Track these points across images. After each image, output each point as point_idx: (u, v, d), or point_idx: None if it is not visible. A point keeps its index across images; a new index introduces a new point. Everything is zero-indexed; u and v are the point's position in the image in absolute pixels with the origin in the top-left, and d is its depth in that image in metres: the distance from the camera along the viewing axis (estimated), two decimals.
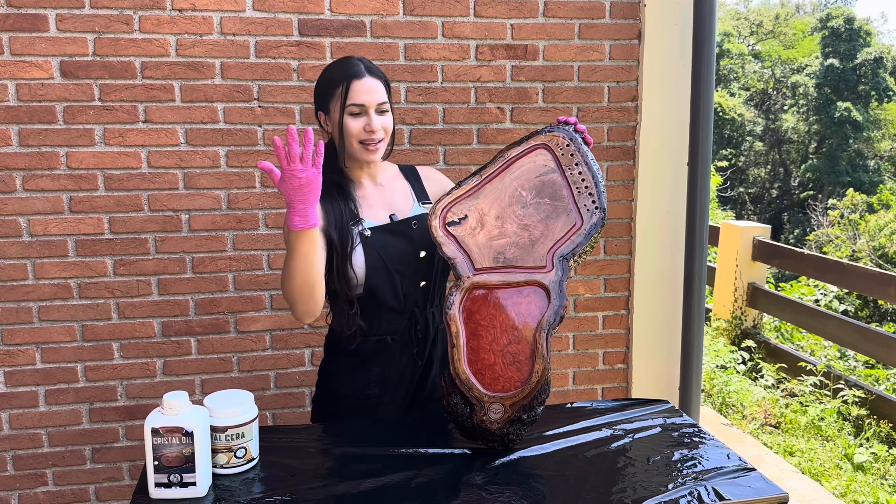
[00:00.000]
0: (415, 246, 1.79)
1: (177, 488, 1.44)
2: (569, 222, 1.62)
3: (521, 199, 1.65)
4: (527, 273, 1.61)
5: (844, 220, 9.84)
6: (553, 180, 1.64)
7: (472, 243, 1.64)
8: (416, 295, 1.82)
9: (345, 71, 1.75)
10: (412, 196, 1.88)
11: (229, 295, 2.58)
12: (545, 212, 1.64)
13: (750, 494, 1.46)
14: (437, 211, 1.66)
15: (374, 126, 1.74)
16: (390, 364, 1.84)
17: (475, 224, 1.65)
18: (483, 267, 1.63)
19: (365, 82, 1.73)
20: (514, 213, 1.64)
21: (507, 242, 1.63)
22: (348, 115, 1.73)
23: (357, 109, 1.73)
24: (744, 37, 25.10)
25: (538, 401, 1.59)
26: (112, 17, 2.37)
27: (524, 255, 1.62)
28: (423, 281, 1.82)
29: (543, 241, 1.62)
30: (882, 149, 19.99)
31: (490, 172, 1.66)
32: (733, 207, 18.02)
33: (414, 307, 1.83)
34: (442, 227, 1.65)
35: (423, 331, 1.84)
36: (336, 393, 1.87)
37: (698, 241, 2.77)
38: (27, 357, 2.49)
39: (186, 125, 2.47)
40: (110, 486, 2.61)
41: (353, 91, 1.72)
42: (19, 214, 2.42)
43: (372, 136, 1.74)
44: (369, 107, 1.73)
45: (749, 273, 5.58)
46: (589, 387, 2.90)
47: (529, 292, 1.61)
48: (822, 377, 4.57)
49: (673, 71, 2.74)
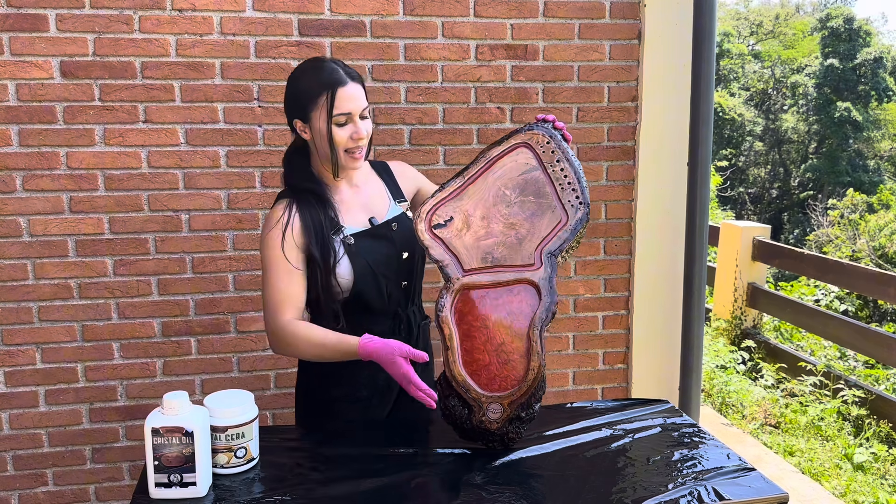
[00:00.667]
0: (397, 248, 1.80)
1: (177, 488, 1.44)
2: (554, 219, 1.63)
3: (505, 199, 1.65)
4: (516, 271, 1.62)
5: (844, 220, 9.84)
6: (536, 178, 1.65)
7: (460, 245, 1.64)
8: (398, 295, 1.83)
9: (326, 78, 1.70)
10: (387, 195, 1.88)
11: (229, 295, 2.58)
12: (530, 209, 1.64)
13: (750, 494, 1.46)
14: (422, 214, 1.65)
15: (362, 133, 1.72)
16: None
17: (461, 225, 1.65)
18: (472, 268, 1.63)
19: (349, 89, 1.70)
20: (500, 212, 1.65)
21: (495, 242, 1.63)
22: (335, 126, 1.70)
23: (344, 119, 1.70)
24: (744, 37, 25.10)
25: (535, 398, 1.60)
26: (112, 17, 2.37)
27: (512, 254, 1.63)
28: (405, 281, 1.83)
29: (530, 238, 1.63)
30: (882, 149, 19.99)
31: (473, 173, 1.66)
32: (733, 207, 18.00)
33: (397, 307, 1.83)
34: (428, 230, 1.64)
35: (406, 330, 1.85)
36: (327, 395, 1.84)
37: (698, 241, 2.77)
38: (27, 357, 2.49)
39: (186, 125, 2.47)
40: (110, 486, 2.60)
41: (339, 100, 1.68)
42: (19, 214, 2.42)
43: (359, 144, 1.73)
44: (354, 114, 1.71)
45: (749, 273, 5.58)
46: (589, 387, 2.90)
47: (519, 290, 1.61)
48: (822, 377, 4.57)
49: (673, 71, 2.74)
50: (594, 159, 2.77)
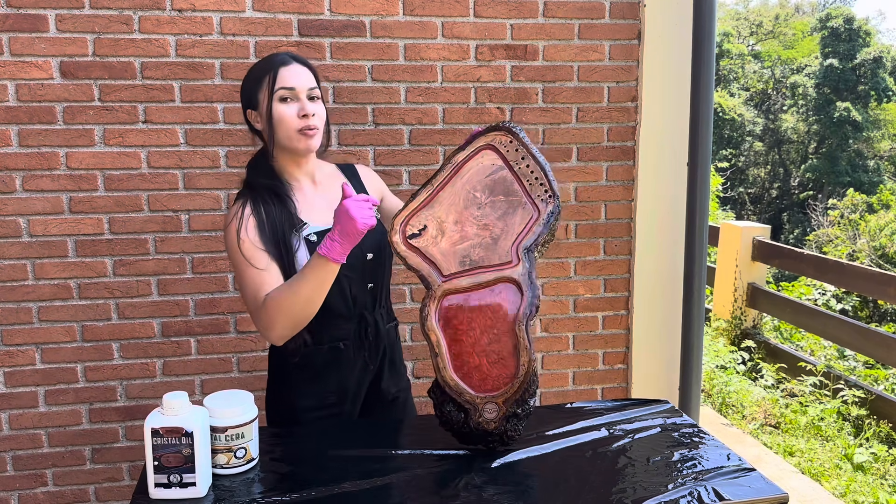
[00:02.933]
0: (361, 248, 1.74)
1: (176, 489, 1.44)
2: (526, 215, 1.64)
3: (475, 201, 1.66)
4: (495, 271, 1.62)
5: (844, 220, 9.85)
6: (503, 177, 1.66)
7: (436, 251, 1.64)
8: (364, 298, 1.80)
9: (270, 61, 1.72)
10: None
11: (229, 295, 2.58)
12: (501, 209, 1.65)
13: (750, 494, 1.46)
14: (395, 226, 1.65)
15: (308, 110, 1.68)
16: (345, 370, 1.81)
17: (435, 232, 1.65)
18: (451, 273, 1.64)
19: (292, 68, 1.70)
20: (472, 215, 1.65)
21: (470, 245, 1.65)
22: (278, 102, 1.68)
23: (287, 94, 1.68)
24: (743, 37, 25.10)
25: (529, 393, 1.60)
26: (112, 17, 2.37)
27: (489, 254, 1.64)
28: (371, 283, 1.80)
29: (505, 237, 1.64)
30: (882, 149, 19.99)
31: (441, 180, 1.66)
32: (733, 207, 18.01)
33: (363, 310, 1.80)
34: (403, 240, 1.64)
35: (373, 333, 1.82)
36: (293, 408, 1.80)
37: (698, 241, 2.77)
38: (27, 357, 2.49)
39: (186, 125, 2.47)
40: (110, 487, 2.60)
41: (280, 76, 1.68)
42: (19, 215, 2.42)
43: (308, 122, 1.69)
44: (300, 91, 1.69)
45: (749, 273, 5.58)
46: (589, 387, 2.90)
47: (501, 289, 1.62)
48: (821, 377, 4.57)
49: (673, 71, 2.74)
50: (594, 159, 2.77)
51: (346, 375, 1.81)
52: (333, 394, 1.81)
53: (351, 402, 1.84)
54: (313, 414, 1.80)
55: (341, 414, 1.82)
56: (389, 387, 1.90)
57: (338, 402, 1.82)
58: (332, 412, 1.81)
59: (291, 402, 1.81)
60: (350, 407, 1.84)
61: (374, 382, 1.88)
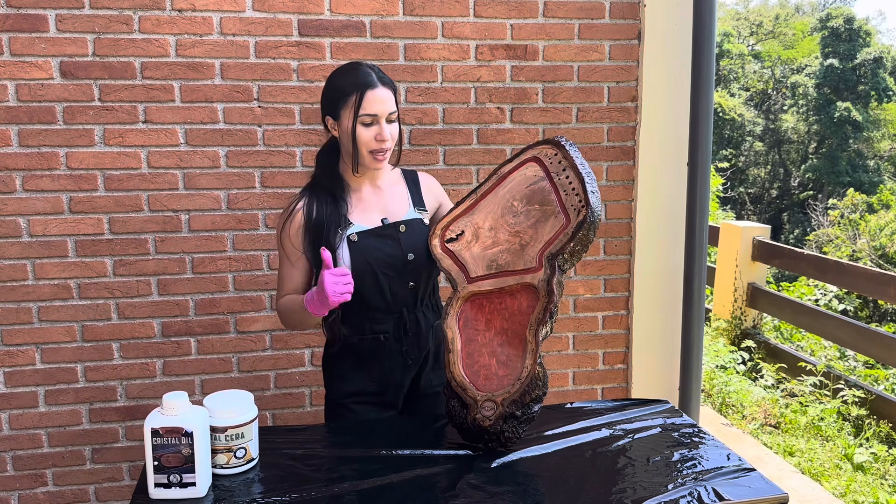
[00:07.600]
0: (402, 249, 1.84)
1: (176, 489, 1.44)
2: (557, 223, 1.67)
3: (512, 210, 1.73)
4: (517, 276, 1.68)
5: (844, 220, 9.85)
6: (542, 187, 1.71)
7: (468, 255, 1.74)
8: (404, 295, 1.87)
9: (358, 79, 1.78)
10: (409, 201, 1.92)
11: (229, 295, 2.58)
12: (534, 217, 1.70)
13: (750, 495, 1.46)
14: (436, 230, 1.78)
15: (385, 136, 1.78)
16: (386, 361, 1.89)
17: (471, 238, 1.75)
18: (477, 275, 1.72)
19: (378, 92, 1.77)
20: (506, 222, 1.72)
21: (500, 250, 1.71)
22: (360, 125, 1.77)
23: (369, 120, 1.77)
24: (744, 37, 25.09)
25: (531, 396, 1.61)
26: (112, 17, 2.37)
27: (515, 260, 1.69)
28: (412, 282, 1.87)
29: (533, 244, 1.68)
30: (882, 149, 19.98)
31: (485, 189, 1.76)
32: (733, 207, 18.01)
33: (403, 307, 1.88)
34: (441, 244, 1.77)
35: (413, 329, 1.89)
36: (341, 391, 1.92)
37: (698, 241, 2.77)
38: (27, 357, 2.49)
39: (186, 125, 2.47)
40: (110, 487, 2.61)
41: (366, 101, 1.76)
42: (19, 215, 2.42)
43: (382, 146, 1.78)
44: (381, 116, 1.77)
45: (749, 273, 5.58)
46: (589, 387, 2.90)
47: (520, 294, 1.68)
48: (821, 377, 4.57)
49: (673, 71, 2.74)
50: (594, 159, 2.77)
51: (387, 367, 1.90)
52: (374, 383, 1.90)
53: (393, 392, 1.92)
54: (354, 399, 1.90)
55: (383, 403, 1.92)
56: (432, 380, 1.97)
57: (379, 391, 1.91)
58: (374, 401, 1.91)
59: (334, 387, 1.94)
60: (392, 398, 1.93)
61: (417, 376, 1.95)
